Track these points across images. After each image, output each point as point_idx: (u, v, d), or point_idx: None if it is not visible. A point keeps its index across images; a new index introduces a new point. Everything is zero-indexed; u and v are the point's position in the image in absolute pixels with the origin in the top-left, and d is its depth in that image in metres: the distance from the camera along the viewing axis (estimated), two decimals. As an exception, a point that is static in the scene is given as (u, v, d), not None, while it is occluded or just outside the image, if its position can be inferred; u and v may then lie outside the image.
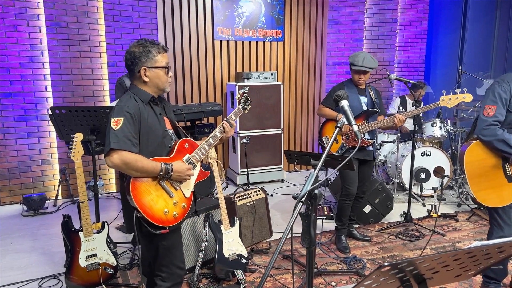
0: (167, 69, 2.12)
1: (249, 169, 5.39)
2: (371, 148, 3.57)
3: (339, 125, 1.61)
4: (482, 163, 2.55)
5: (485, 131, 2.48)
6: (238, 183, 5.57)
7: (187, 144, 2.19)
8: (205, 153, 2.24)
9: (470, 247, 1.02)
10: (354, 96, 3.51)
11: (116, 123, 1.95)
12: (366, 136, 3.51)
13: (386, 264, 0.94)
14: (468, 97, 3.40)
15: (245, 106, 2.50)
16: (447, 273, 1.18)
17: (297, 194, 1.45)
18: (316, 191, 1.43)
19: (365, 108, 3.52)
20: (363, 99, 3.54)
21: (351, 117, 1.63)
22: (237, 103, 2.54)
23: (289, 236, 1.34)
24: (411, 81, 3.98)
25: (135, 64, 2.05)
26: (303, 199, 1.41)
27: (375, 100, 3.54)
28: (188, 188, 2.16)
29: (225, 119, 2.32)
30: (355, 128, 1.61)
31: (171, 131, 2.22)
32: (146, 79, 2.07)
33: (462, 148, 2.62)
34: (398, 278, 1.14)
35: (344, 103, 1.67)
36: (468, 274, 1.28)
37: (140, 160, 1.96)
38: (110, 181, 5.51)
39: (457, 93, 3.43)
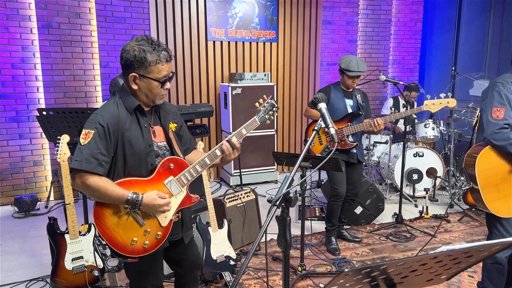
0: (163, 82, 1.80)
1: (242, 170, 5.39)
2: (355, 151, 3.56)
3: (316, 128, 1.60)
4: (497, 171, 2.36)
5: (497, 135, 2.30)
6: (231, 184, 5.56)
7: (172, 164, 1.85)
8: (196, 175, 1.89)
9: (436, 252, 1.02)
10: (340, 99, 3.52)
11: (85, 136, 1.72)
12: (350, 138, 3.50)
13: (346, 270, 0.94)
14: (452, 102, 3.39)
15: (266, 116, 2.04)
16: (417, 277, 1.17)
17: (271, 197, 1.44)
18: (291, 195, 1.43)
19: (350, 110, 3.52)
20: (349, 102, 3.54)
21: (329, 120, 1.63)
22: (258, 113, 2.03)
23: (263, 240, 1.33)
24: (400, 83, 3.98)
25: (127, 66, 1.77)
26: (277, 202, 1.40)
27: (361, 103, 3.54)
28: (166, 216, 1.85)
29: (226, 138, 1.94)
30: (332, 131, 1.60)
31: (162, 143, 1.91)
32: (134, 86, 1.79)
33: (471, 155, 2.42)
34: (367, 283, 1.13)
35: (322, 106, 1.67)
36: (441, 278, 1.28)
37: (104, 187, 1.70)
38: (102, 182, 5.49)
39: (441, 97, 3.43)
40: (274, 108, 2.01)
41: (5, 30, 4.70)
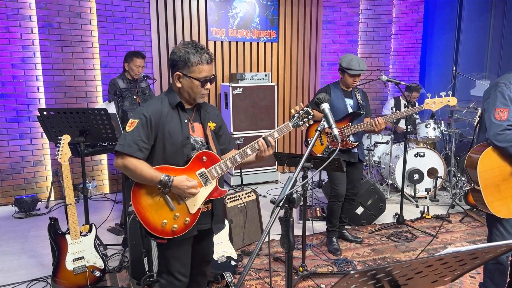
0: (204, 82, 1.98)
1: (243, 170, 5.38)
2: (356, 151, 3.55)
3: (319, 128, 1.60)
4: (497, 172, 2.35)
5: (500, 137, 2.27)
6: (232, 184, 5.55)
7: (205, 157, 2.02)
8: (226, 170, 2.04)
9: (442, 254, 1.01)
10: (340, 98, 3.51)
11: (131, 125, 1.96)
12: (351, 138, 3.50)
13: (352, 271, 0.93)
14: (453, 101, 3.39)
15: (300, 123, 2.06)
16: (422, 279, 1.16)
17: (275, 198, 1.43)
18: (294, 195, 1.42)
19: (350, 110, 3.51)
20: (349, 102, 3.53)
21: (332, 121, 1.62)
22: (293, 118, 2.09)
23: (267, 240, 1.33)
24: (402, 83, 3.97)
25: (173, 66, 1.98)
26: (281, 203, 1.39)
27: (361, 103, 3.53)
28: (195, 204, 2.02)
29: (263, 136, 2.03)
30: (335, 131, 1.59)
31: (199, 138, 2.08)
32: (178, 84, 1.99)
33: (473, 155, 2.40)
34: (372, 285, 1.12)
35: (325, 106, 1.66)
36: (445, 280, 1.27)
37: (140, 168, 1.92)
38: (103, 182, 5.49)
39: (442, 96, 3.42)
40: (310, 116, 2.02)
41: (6, 30, 4.70)
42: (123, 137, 1.95)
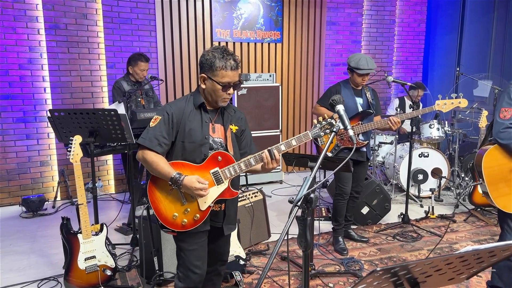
0: (226, 87, 2.02)
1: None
2: (364, 149, 3.59)
3: (334, 129, 1.63)
4: (502, 168, 2.46)
5: (502, 134, 2.41)
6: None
7: (220, 157, 2.08)
8: (239, 172, 2.08)
9: (462, 251, 1.04)
10: (350, 97, 3.53)
11: (154, 120, 2.06)
12: (360, 137, 3.53)
13: (379, 268, 0.96)
14: (463, 103, 3.41)
15: (321, 133, 2.03)
16: (440, 276, 1.20)
17: (293, 198, 1.46)
18: (312, 195, 1.45)
19: (360, 109, 3.54)
20: (359, 100, 3.56)
21: (347, 122, 1.65)
22: (315, 127, 2.04)
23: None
24: (408, 83, 3.99)
25: (200, 68, 2.06)
26: (299, 203, 1.43)
27: (371, 102, 3.56)
28: (205, 202, 2.07)
29: (268, 148, 2.06)
30: (351, 132, 1.63)
31: (219, 139, 2.13)
32: (203, 86, 2.07)
33: (479, 152, 2.52)
34: (392, 282, 1.16)
35: (340, 107, 1.69)
36: (461, 277, 1.30)
37: (157, 162, 2.01)
38: (109, 183, 5.52)
39: (452, 98, 3.44)
40: (334, 129, 1.81)
41: (13, 31, 4.73)
42: (146, 132, 2.07)
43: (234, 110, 2.25)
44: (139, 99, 4.31)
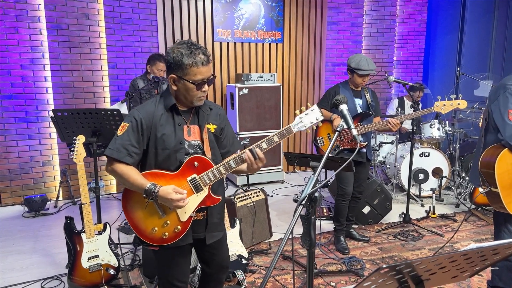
0: (200, 84, 1.86)
1: (248, 170, 5.42)
2: (364, 150, 3.60)
3: (338, 129, 1.64)
4: None
5: None
6: (237, 184, 5.59)
7: (196, 162, 1.90)
8: (219, 177, 1.92)
9: (466, 249, 1.06)
10: (349, 98, 3.54)
11: (122, 129, 1.89)
12: (360, 138, 3.54)
13: (384, 266, 0.98)
14: (463, 104, 3.39)
15: (306, 125, 1.98)
16: (444, 274, 1.21)
17: (297, 197, 1.48)
18: (316, 194, 1.47)
19: (359, 110, 3.55)
20: (358, 101, 3.58)
21: (350, 122, 1.67)
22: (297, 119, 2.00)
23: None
24: (409, 83, 4.01)
25: (168, 68, 1.88)
26: (303, 202, 1.44)
27: (370, 103, 3.57)
28: (185, 212, 1.90)
29: (249, 147, 1.89)
30: (354, 132, 1.64)
31: (195, 142, 1.96)
32: (174, 87, 1.89)
33: (489, 158, 2.40)
34: (396, 280, 1.17)
35: (344, 107, 1.71)
36: (465, 275, 1.32)
37: (128, 174, 1.84)
38: (110, 182, 5.54)
39: (452, 99, 3.45)
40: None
41: (15, 31, 4.74)
42: (113, 141, 1.88)
43: (211, 107, 2.06)
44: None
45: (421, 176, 4.98)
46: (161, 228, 1.90)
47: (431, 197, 4.85)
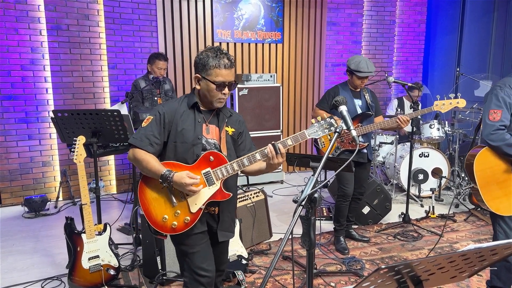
0: (220, 86, 1.99)
1: (248, 171, 5.42)
2: (365, 151, 3.61)
3: (338, 130, 1.65)
4: (493, 170, 2.46)
5: (493, 136, 2.42)
6: (238, 184, 5.59)
7: (212, 157, 2.01)
8: (232, 173, 2.01)
9: (464, 250, 1.06)
10: (349, 99, 3.55)
11: (146, 121, 2.05)
12: (360, 139, 3.55)
13: (383, 266, 0.98)
14: (462, 103, 3.42)
15: (319, 133, 2.01)
16: (443, 274, 1.22)
17: (297, 197, 1.49)
18: (316, 195, 1.47)
19: (359, 111, 3.56)
20: (358, 102, 3.59)
21: (350, 123, 1.67)
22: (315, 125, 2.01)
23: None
24: (408, 84, 4.01)
25: (195, 68, 2.05)
26: (303, 202, 1.45)
27: (370, 103, 3.58)
28: (196, 203, 2.00)
29: (272, 142, 1.98)
30: (354, 133, 1.64)
31: (212, 140, 2.08)
32: (197, 86, 2.05)
33: (470, 155, 2.52)
34: (395, 280, 1.18)
35: (343, 108, 1.71)
36: (463, 276, 1.32)
37: (147, 160, 1.97)
38: (110, 183, 5.54)
39: (451, 98, 3.46)
40: (332, 128, 1.94)
41: (15, 32, 4.75)
42: (138, 131, 2.06)
43: (231, 113, 2.19)
44: (155, 98, 4.30)
45: (421, 176, 4.98)
46: (172, 217, 2.01)
47: (430, 197, 4.85)
